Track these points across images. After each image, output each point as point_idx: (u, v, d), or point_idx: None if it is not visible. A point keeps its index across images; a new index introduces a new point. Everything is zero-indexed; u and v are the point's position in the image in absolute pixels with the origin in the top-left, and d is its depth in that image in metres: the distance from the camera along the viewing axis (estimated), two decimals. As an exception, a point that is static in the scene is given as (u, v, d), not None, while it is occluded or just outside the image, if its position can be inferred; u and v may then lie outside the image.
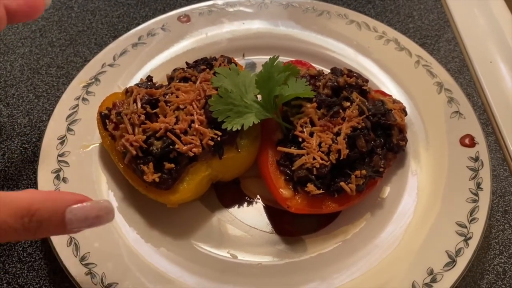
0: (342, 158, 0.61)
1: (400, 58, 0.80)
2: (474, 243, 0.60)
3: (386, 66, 0.80)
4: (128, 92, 0.67)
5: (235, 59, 0.75)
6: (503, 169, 0.74)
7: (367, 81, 0.71)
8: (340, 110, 0.65)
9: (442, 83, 0.76)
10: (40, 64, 0.85)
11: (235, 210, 0.67)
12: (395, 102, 0.71)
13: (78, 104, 0.73)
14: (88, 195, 0.63)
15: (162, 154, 0.61)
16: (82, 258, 0.59)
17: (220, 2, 0.87)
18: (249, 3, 0.88)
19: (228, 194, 0.69)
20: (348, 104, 0.66)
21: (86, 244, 0.60)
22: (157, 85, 0.70)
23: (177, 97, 0.64)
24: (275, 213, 0.67)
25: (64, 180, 0.65)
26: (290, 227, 0.66)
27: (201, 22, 0.85)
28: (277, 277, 0.61)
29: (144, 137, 0.61)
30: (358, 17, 0.86)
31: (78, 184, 0.65)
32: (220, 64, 0.70)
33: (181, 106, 0.64)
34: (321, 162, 0.61)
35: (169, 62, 0.80)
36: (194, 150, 0.61)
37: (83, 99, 0.73)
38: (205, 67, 0.70)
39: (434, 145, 0.71)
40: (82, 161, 0.68)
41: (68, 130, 0.70)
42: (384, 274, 0.60)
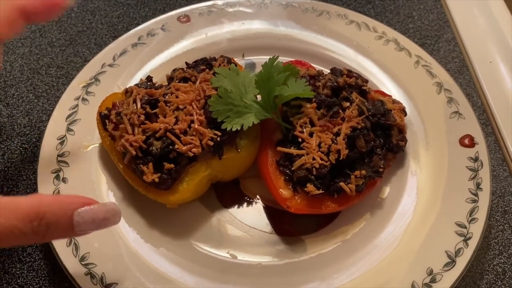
0: (341, 158, 0.61)
1: (399, 58, 0.80)
2: (473, 243, 0.60)
3: (386, 66, 0.80)
4: (127, 92, 0.67)
5: (235, 59, 0.75)
6: (503, 169, 0.74)
7: (367, 81, 0.71)
8: (339, 110, 0.65)
9: (442, 83, 0.76)
10: (40, 64, 0.85)
11: (235, 210, 0.67)
12: (395, 102, 0.71)
13: (78, 104, 0.73)
14: (88, 195, 0.63)
15: (161, 154, 0.61)
16: (82, 258, 0.59)
17: (220, 2, 0.87)
18: (249, 4, 0.88)
19: (227, 194, 0.69)
20: (347, 104, 0.66)
21: (86, 244, 0.60)
22: (156, 85, 0.70)
23: (176, 97, 0.64)
24: (275, 213, 0.67)
25: (64, 180, 0.65)
26: (290, 227, 0.66)
27: (201, 22, 0.85)
28: (277, 277, 0.61)
29: (143, 137, 0.61)
30: (358, 17, 0.85)
31: (78, 184, 0.65)
32: (219, 64, 0.70)
33: (180, 106, 0.64)
34: (320, 162, 0.61)
35: (168, 62, 0.80)
36: (193, 150, 0.61)
37: (83, 99, 0.73)
38: (204, 67, 0.70)
39: (434, 145, 0.71)
40: (82, 161, 0.68)
41: (68, 130, 0.70)
42: (383, 274, 0.60)
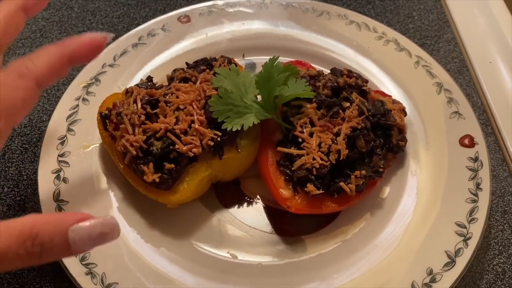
0: (341, 158, 0.62)
1: (399, 58, 0.80)
2: (473, 243, 0.60)
3: (386, 66, 0.80)
4: (128, 92, 0.67)
5: (235, 60, 0.75)
6: (503, 169, 0.74)
7: (367, 81, 0.71)
8: (339, 111, 0.65)
9: (442, 84, 0.76)
10: (40, 64, 0.85)
11: (235, 210, 0.67)
12: (395, 102, 0.71)
13: (78, 104, 0.73)
14: (88, 195, 0.65)
15: (162, 154, 0.61)
16: (82, 258, 0.59)
17: (220, 2, 0.87)
18: (249, 4, 0.88)
19: (228, 194, 0.69)
20: (347, 104, 0.66)
21: (86, 244, 0.60)
22: (157, 85, 0.70)
23: (177, 97, 0.65)
24: (275, 213, 0.67)
25: (64, 180, 0.65)
26: (290, 227, 0.66)
27: (201, 23, 0.85)
28: (277, 277, 0.61)
29: (144, 137, 0.61)
30: (358, 17, 0.86)
31: (78, 184, 0.65)
32: (220, 64, 0.70)
33: (181, 107, 0.64)
34: (320, 162, 0.61)
35: (169, 62, 0.80)
36: (194, 150, 0.61)
37: (83, 100, 0.73)
38: (205, 68, 0.70)
39: (434, 145, 0.71)
40: (82, 161, 0.68)
41: (68, 130, 0.70)
42: (383, 274, 0.60)
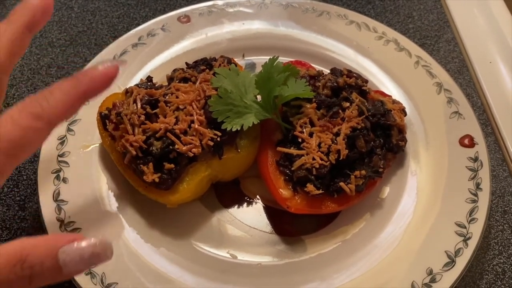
0: (341, 158, 0.62)
1: (399, 58, 0.80)
2: (473, 243, 0.60)
3: (386, 66, 0.80)
4: (128, 92, 0.67)
5: (235, 60, 0.75)
6: (503, 169, 0.74)
7: (367, 81, 0.71)
8: (339, 111, 0.65)
9: (442, 84, 0.76)
10: (40, 64, 0.85)
11: (235, 210, 0.67)
12: (395, 102, 0.71)
13: (78, 104, 0.73)
14: (88, 195, 0.65)
15: (162, 154, 0.61)
16: (82, 258, 0.59)
17: (220, 2, 0.87)
18: (249, 4, 0.88)
19: (228, 194, 0.69)
20: (347, 104, 0.66)
21: (86, 244, 0.60)
22: (157, 85, 0.70)
23: (177, 97, 0.64)
24: (275, 213, 0.67)
25: (64, 180, 0.65)
26: (290, 227, 0.66)
27: (201, 23, 0.85)
28: (277, 277, 0.61)
29: (144, 137, 0.61)
30: (358, 17, 0.85)
31: (78, 184, 0.66)
32: (220, 64, 0.70)
33: (181, 107, 0.64)
34: (320, 162, 0.61)
35: (169, 62, 0.80)
36: (194, 150, 0.61)
37: (83, 100, 0.73)
38: (205, 68, 0.70)
39: (434, 145, 0.71)
40: (82, 161, 0.68)
41: (68, 130, 0.70)
42: (383, 274, 0.60)
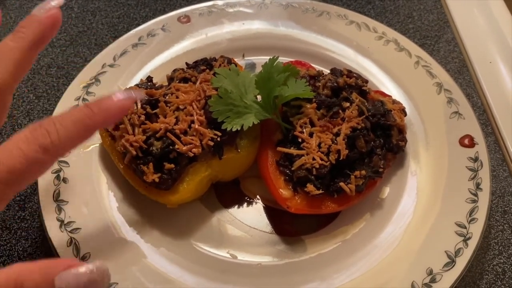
0: (341, 158, 0.62)
1: (399, 58, 0.80)
2: (473, 244, 0.60)
3: (386, 66, 0.80)
4: (128, 92, 0.67)
5: (235, 60, 0.75)
6: (503, 169, 0.74)
7: (367, 81, 0.71)
8: (339, 111, 0.65)
9: (442, 84, 0.76)
10: (40, 64, 0.85)
11: (235, 210, 0.67)
12: (395, 102, 0.71)
13: (78, 104, 0.73)
14: (88, 195, 0.65)
15: (162, 154, 0.61)
16: (83, 258, 0.59)
17: (220, 2, 0.87)
18: (249, 4, 0.88)
19: (228, 194, 0.69)
20: (347, 104, 0.66)
21: (87, 244, 0.60)
22: (157, 85, 0.70)
23: (177, 97, 0.65)
24: (275, 213, 0.67)
25: (64, 180, 0.65)
26: (290, 227, 0.66)
27: (201, 23, 0.85)
28: (277, 277, 0.61)
29: (144, 137, 0.61)
30: (358, 17, 0.85)
31: (78, 184, 0.65)
32: (220, 64, 0.70)
33: (181, 107, 0.64)
34: (320, 162, 0.61)
35: (169, 62, 0.80)
36: (194, 150, 0.61)
37: (83, 100, 0.73)
38: (205, 68, 0.70)
39: (434, 145, 0.71)
40: (82, 161, 0.68)
41: (68, 130, 0.70)
42: (383, 274, 0.60)
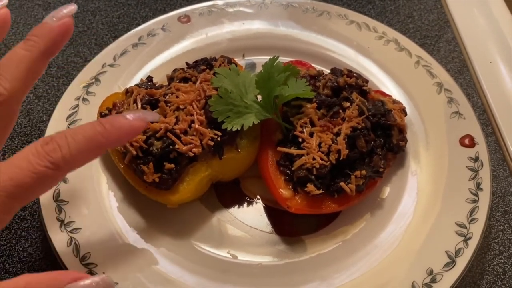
0: (342, 158, 0.61)
1: (400, 58, 0.80)
2: (473, 244, 0.60)
3: (386, 66, 0.80)
4: (128, 92, 0.67)
5: (235, 60, 0.75)
6: (503, 169, 0.74)
7: (367, 81, 0.71)
8: (340, 111, 0.65)
9: (442, 84, 0.76)
10: (40, 64, 0.85)
11: (235, 210, 0.67)
12: (395, 102, 0.71)
13: (78, 104, 0.73)
14: (88, 195, 0.65)
15: (162, 154, 0.61)
16: (83, 258, 0.59)
17: (220, 2, 0.87)
18: (249, 4, 0.88)
19: (228, 194, 0.69)
20: (348, 104, 0.66)
21: (87, 244, 0.60)
22: (157, 85, 0.70)
23: (177, 97, 0.64)
24: (275, 213, 0.67)
25: (64, 180, 0.65)
26: (290, 227, 0.66)
27: (201, 23, 0.85)
28: (277, 277, 0.61)
29: (144, 137, 0.61)
30: (358, 17, 0.85)
31: (78, 184, 0.65)
32: (220, 64, 0.70)
33: (181, 107, 0.64)
34: (321, 162, 0.61)
35: (169, 62, 0.80)
36: (194, 150, 0.61)
37: (83, 99, 0.73)
38: (205, 68, 0.70)
39: (434, 145, 0.71)
40: (82, 161, 0.68)
41: (68, 130, 0.70)
42: (384, 274, 0.60)
